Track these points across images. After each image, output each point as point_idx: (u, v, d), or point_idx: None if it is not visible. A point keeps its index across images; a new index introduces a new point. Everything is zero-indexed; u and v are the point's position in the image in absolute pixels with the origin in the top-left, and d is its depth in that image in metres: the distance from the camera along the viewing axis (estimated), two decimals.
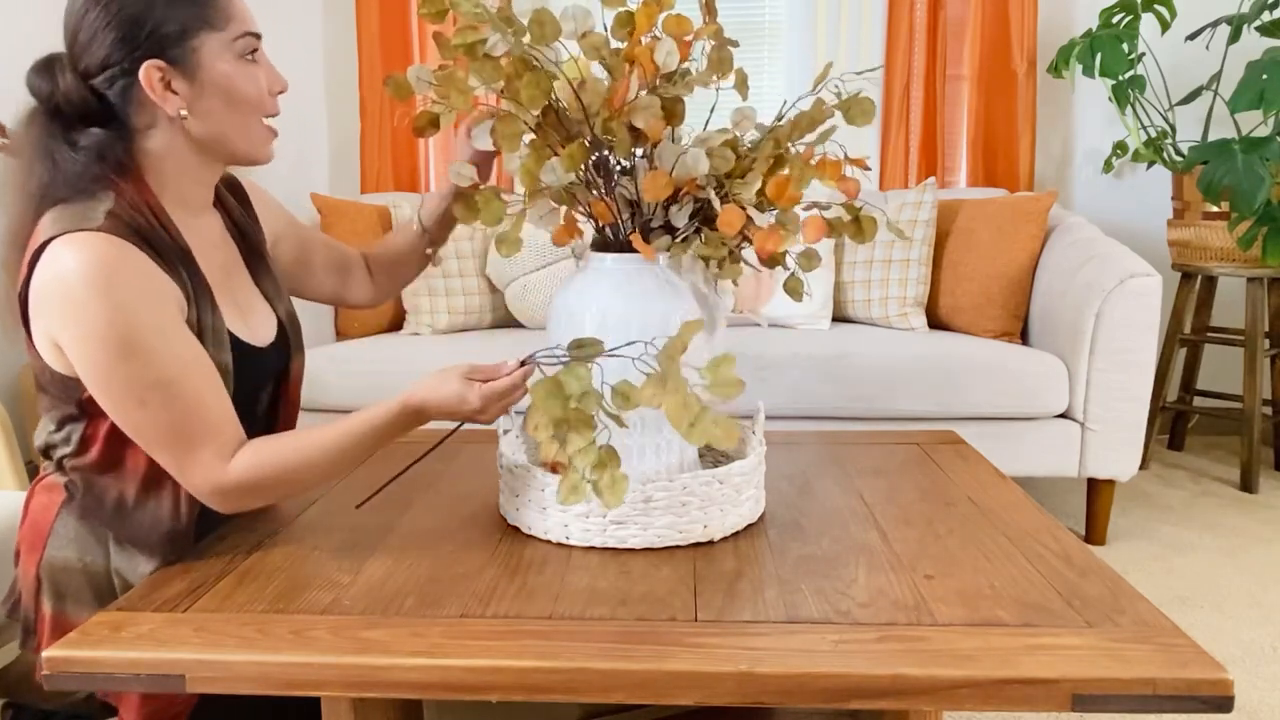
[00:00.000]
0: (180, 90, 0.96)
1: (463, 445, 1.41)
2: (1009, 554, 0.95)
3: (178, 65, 0.96)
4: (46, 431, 1.00)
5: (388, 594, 0.88)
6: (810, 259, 1.01)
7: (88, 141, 0.95)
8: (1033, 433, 2.17)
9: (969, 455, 1.33)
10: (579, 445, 0.85)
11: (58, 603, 0.99)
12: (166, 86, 0.96)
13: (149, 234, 0.95)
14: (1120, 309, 2.07)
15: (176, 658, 0.77)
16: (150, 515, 0.98)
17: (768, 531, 1.03)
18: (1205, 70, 2.76)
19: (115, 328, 0.88)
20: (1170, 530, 2.29)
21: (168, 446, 0.93)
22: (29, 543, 1.01)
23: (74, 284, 0.88)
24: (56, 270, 0.89)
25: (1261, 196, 2.28)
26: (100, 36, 0.94)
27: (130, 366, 0.90)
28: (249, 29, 0.99)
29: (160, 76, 0.95)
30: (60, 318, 0.90)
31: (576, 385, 0.87)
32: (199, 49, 0.96)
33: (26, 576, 1.01)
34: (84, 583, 0.98)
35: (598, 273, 1.03)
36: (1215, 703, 0.71)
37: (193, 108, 0.97)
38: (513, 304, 2.60)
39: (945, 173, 3.01)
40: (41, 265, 0.90)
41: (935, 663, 0.73)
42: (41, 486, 1.02)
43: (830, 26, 2.96)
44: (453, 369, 0.97)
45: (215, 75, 0.97)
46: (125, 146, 0.97)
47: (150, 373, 0.90)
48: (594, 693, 0.75)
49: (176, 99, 0.96)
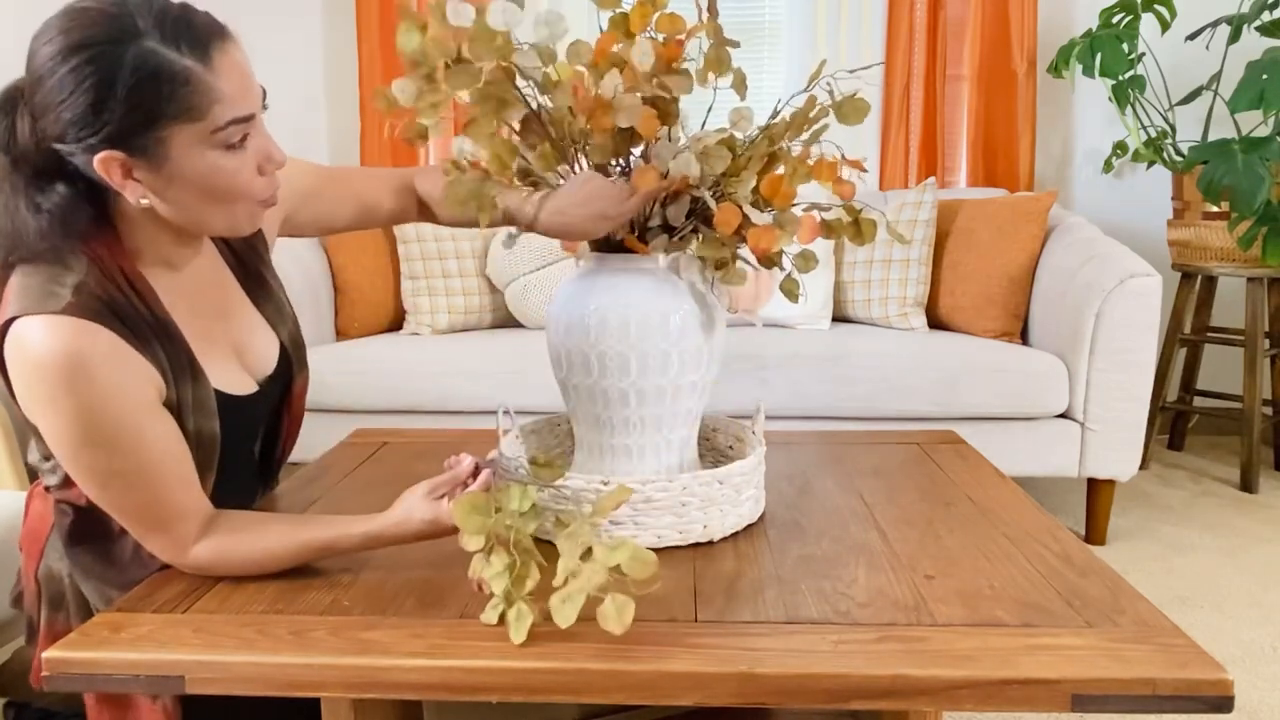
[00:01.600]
0: (144, 179, 0.86)
1: (463, 445, 1.41)
2: (1009, 554, 0.95)
3: (140, 155, 0.84)
4: (37, 455, 0.98)
5: (388, 594, 0.88)
6: (807, 260, 1.01)
7: (50, 204, 0.86)
8: (1033, 433, 2.17)
9: (969, 455, 1.33)
10: (497, 569, 0.82)
11: (52, 611, 0.99)
12: (127, 174, 0.85)
13: (122, 309, 0.88)
14: (1120, 309, 2.07)
15: (176, 658, 0.77)
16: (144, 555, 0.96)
17: (768, 531, 1.03)
18: (1205, 70, 2.76)
19: (80, 421, 0.83)
20: (1170, 530, 2.29)
21: (131, 524, 0.91)
22: (28, 547, 1.01)
23: (41, 376, 0.82)
24: (24, 355, 0.83)
25: (1261, 196, 2.28)
26: (54, 112, 0.82)
27: (95, 455, 0.86)
28: (236, 115, 0.85)
29: (119, 165, 0.84)
30: (29, 402, 0.85)
31: (514, 503, 0.84)
32: (167, 140, 0.83)
33: (28, 578, 1.01)
34: (75, 597, 0.99)
35: (597, 273, 1.03)
36: (1215, 703, 0.71)
37: (161, 195, 0.87)
38: (513, 304, 2.60)
39: (945, 173, 3.01)
40: (9, 343, 0.84)
41: (935, 663, 0.73)
42: (38, 493, 1.02)
43: (830, 26, 2.96)
44: (412, 495, 0.92)
45: (186, 169, 0.85)
46: (94, 210, 0.89)
47: (114, 463, 0.86)
48: (594, 693, 0.75)
49: (139, 187, 0.86)
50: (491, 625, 0.80)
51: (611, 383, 1.01)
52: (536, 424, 1.22)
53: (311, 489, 1.20)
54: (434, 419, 2.27)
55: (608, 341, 0.99)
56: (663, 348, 0.99)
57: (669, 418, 1.03)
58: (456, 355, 2.30)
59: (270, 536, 0.92)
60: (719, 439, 1.22)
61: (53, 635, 0.98)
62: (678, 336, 1.00)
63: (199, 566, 0.92)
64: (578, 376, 1.03)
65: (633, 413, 1.02)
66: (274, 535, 0.92)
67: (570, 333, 1.01)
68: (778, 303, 2.51)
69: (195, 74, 0.82)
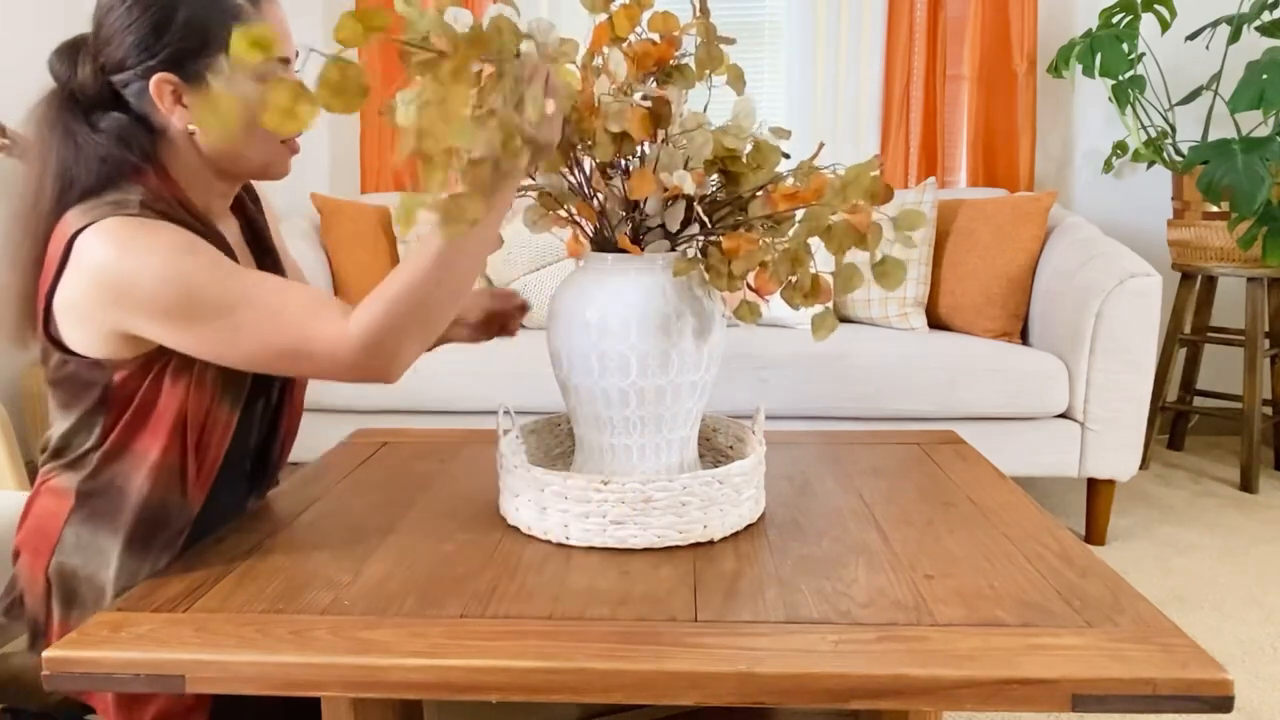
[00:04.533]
0: (191, 105, 0.95)
1: (462, 445, 1.41)
2: (1009, 554, 0.95)
3: (192, 81, 0.94)
4: (62, 429, 0.98)
5: (388, 594, 0.88)
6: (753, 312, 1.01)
7: (109, 124, 0.94)
8: (1033, 433, 2.17)
9: (969, 455, 1.33)
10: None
11: (66, 609, 0.97)
12: (177, 100, 0.94)
13: (185, 223, 0.94)
14: (1120, 309, 2.08)
15: (176, 658, 0.77)
16: (159, 506, 0.97)
17: (768, 531, 1.03)
18: (1205, 70, 2.77)
19: (172, 290, 0.87)
20: (1170, 530, 2.29)
21: (286, 344, 0.90)
22: (33, 546, 0.99)
23: (119, 268, 0.87)
24: (95, 260, 0.87)
25: (1261, 196, 2.28)
26: (119, 37, 0.93)
27: (207, 308, 0.88)
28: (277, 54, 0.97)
29: (171, 90, 0.94)
30: (119, 306, 0.88)
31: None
32: (215, 68, 0.94)
33: (34, 580, 0.99)
34: (92, 591, 0.97)
35: (597, 273, 1.03)
36: (1215, 703, 0.71)
37: None
38: None
39: (945, 173, 3.01)
40: (75, 258, 0.88)
41: (935, 663, 0.73)
42: (47, 489, 1.00)
43: (830, 26, 2.96)
44: None
45: None
46: (148, 136, 0.96)
47: (230, 296, 0.89)
48: (594, 693, 0.75)
49: (186, 113, 0.95)
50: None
51: (611, 383, 1.01)
52: (536, 424, 1.22)
53: (311, 489, 1.20)
54: (434, 419, 2.27)
55: (608, 341, 0.99)
56: (663, 348, 0.99)
57: (669, 418, 1.03)
58: (457, 355, 2.30)
59: (397, 272, 0.90)
60: (719, 439, 1.22)
61: (64, 632, 0.96)
62: (678, 336, 1.00)
63: (366, 329, 0.89)
64: (578, 376, 1.03)
65: (633, 413, 1.02)
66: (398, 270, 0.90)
67: (570, 332, 1.02)
68: (778, 303, 2.52)
69: (246, 11, 0.95)
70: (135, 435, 0.96)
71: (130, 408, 0.95)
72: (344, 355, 0.91)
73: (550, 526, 1.00)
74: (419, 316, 0.91)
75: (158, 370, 0.95)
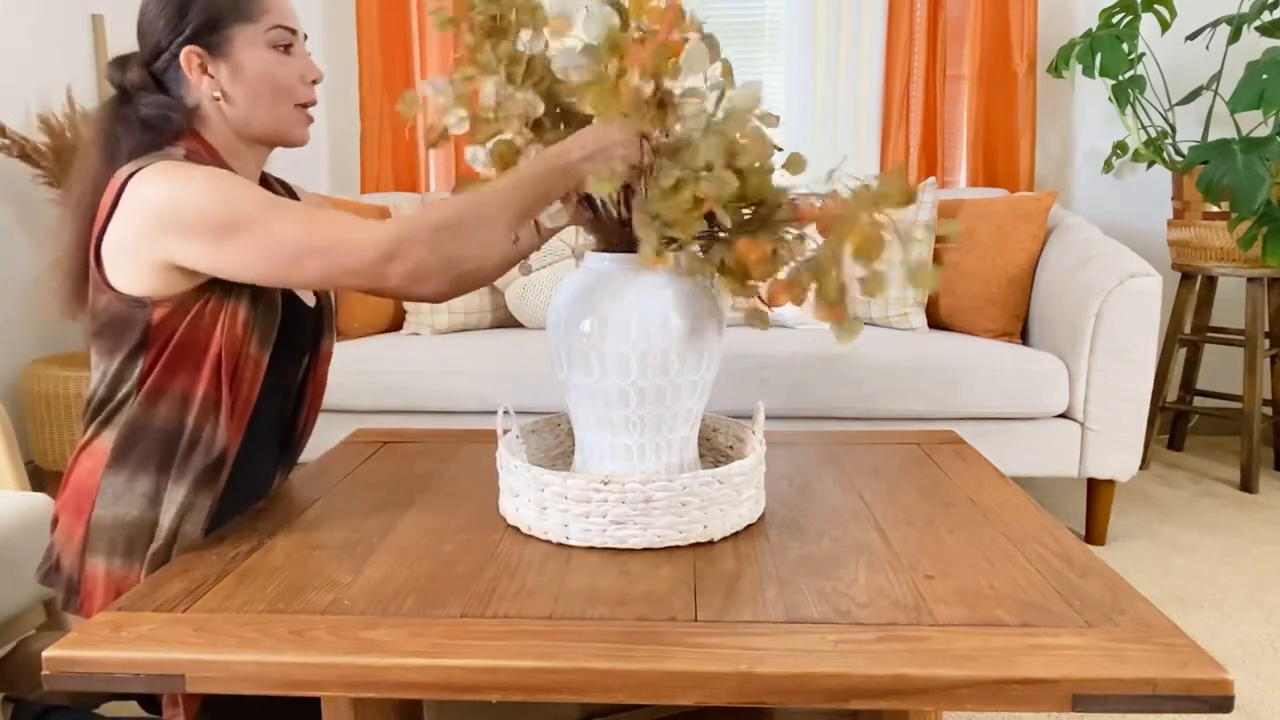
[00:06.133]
0: (215, 74, 1.08)
1: (462, 445, 1.41)
2: (1009, 554, 0.95)
3: (213, 51, 1.07)
4: (105, 378, 1.03)
5: (388, 594, 0.88)
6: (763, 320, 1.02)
7: (149, 101, 1.07)
8: (1033, 433, 2.17)
9: (969, 455, 1.33)
10: None
11: (108, 559, 1.01)
12: (203, 70, 1.07)
13: None
14: (1120, 309, 2.08)
15: (176, 658, 0.77)
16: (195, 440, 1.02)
17: (768, 531, 1.03)
18: (1205, 70, 2.77)
19: (215, 206, 0.95)
20: (1170, 530, 2.29)
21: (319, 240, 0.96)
22: (73, 507, 1.03)
23: (166, 196, 0.96)
24: (144, 194, 0.96)
25: (1261, 196, 2.28)
26: (153, 24, 1.07)
27: (245, 216, 0.96)
28: (281, 22, 1.09)
29: (198, 61, 1.07)
30: (164, 231, 0.96)
31: None
32: (233, 38, 1.07)
33: (72, 538, 1.03)
34: (135, 536, 1.01)
35: (598, 273, 1.03)
36: (1215, 703, 0.71)
37: (227, 92, 1.08)
38: (513, 304, 2.60)
39: (945, 173, 3.01)
40: (125, 199, 0.98)
41: (935, 663, 0.73)
42: (86, 453, 1.04)
43: (830, 26, 2.96)
44: None
45: (246, 62, 1.08)
46: (184, 112, 1.08)
47: (264, 202, 0.97)
48: (594, 693, 0.75)
49: (212, 81, 1.08)
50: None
51: (611, 383, 1.01)
52: (536, 424, 1.22)
53: (311, 489, 1.20)
54: (434, 419, 2.27)
55: (608, 341, 0.99)
56: (663, 348, 0.99)
57: (669, 418, 1.03)
58: (456, 355, 2.30)
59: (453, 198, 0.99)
60: (719, 439, 1.22)
61: (111, 584, 1.00)
62: (678, 336, 1.00)
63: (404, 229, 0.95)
64: (578, 376, 1.03)
65: (633, 413, 1.02)
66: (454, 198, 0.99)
67: (571, 332, 1.02)
68: None
69: None
70: (174, 374, 1.02)
71: (169, 346, 1.01)
72: (369, 245, 0.96)
73: (550, 526, 1.00)
74: (457, 235, 0.97)
75: (197, 310, 1.02)
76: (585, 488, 0.96)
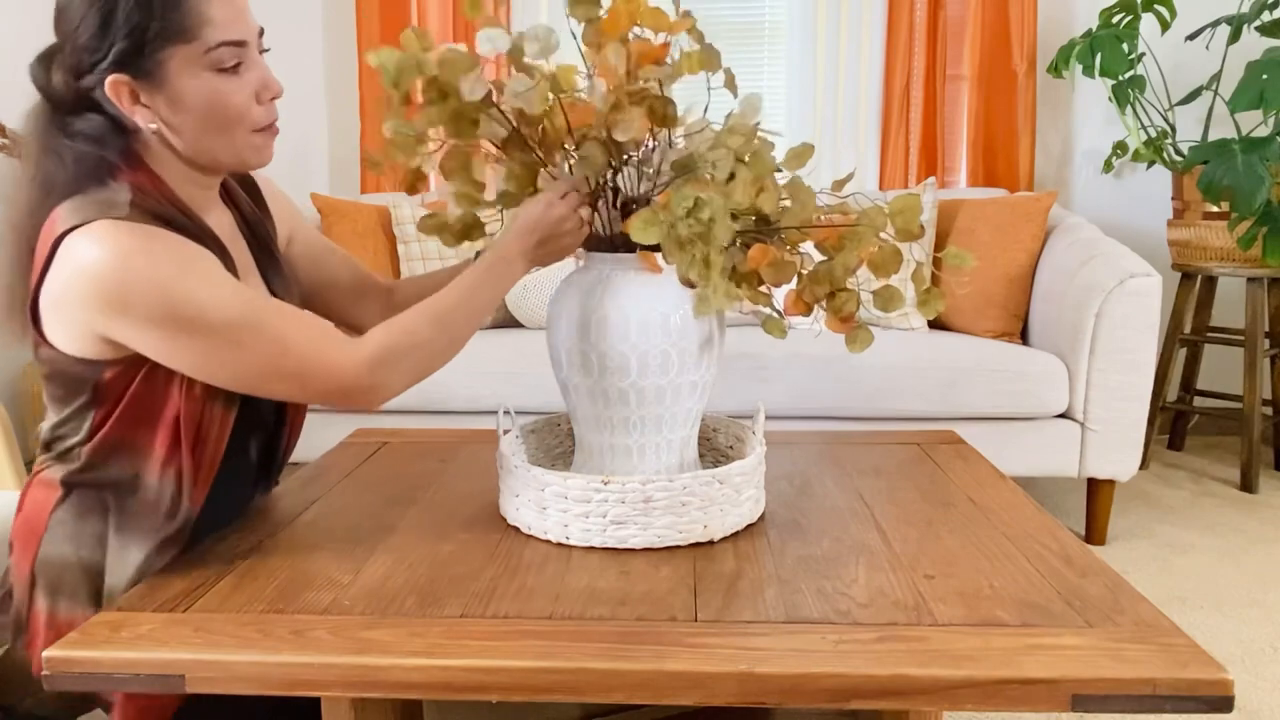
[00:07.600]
0: (150, 104, 0.92)
1: (462, 445, 1.41)
2: (1009, 554, 0.95)
3: (145, 79, 0.91)
4: (54, 422, 0.97)
5: (388, 594, 0.88)
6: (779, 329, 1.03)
7: (84, 126, 0.92)
8: (1033, 433, 2.17)
9: (969, 455, 1.33)
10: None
11: (52, 599, 0.96)
12: (135, 99, 0.92)
13: (176, 221, 0.93)
14: (1120, 309, 2.07)
15: (176, 658, 0.77)
16: (154, 501, 0.96)
17: (768, 531, 1.03)
18: (1205, 70, 2.76)
19: (168, 302, 0.86)
20: (1170, 530, 2.29)
21: (290, 366, 0.91)
22: (23, 538, 0.98)
23: (109, 274, 0.85)
24: (84, 263, 0.85)
25: (1261, 196, 2.28)
26: (73, 36, 0.90)
27: (204, 324, 0.88)
28: (225, 38, 0.92)
29: (128, 90, 0.91)
30: (104, 313, 0.86)
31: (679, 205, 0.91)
32: (166, 62, 0.91)
33: (20, 573, 0.99)
34: (80, 579, 0.96)
35: (597, 273, 1.03)
36: (1215, 703, 0.71)
37: (166, 122, 0.93)
38: (513, 304, 2.60)
39: (945, 173, 3.01)
40: (61, 258, 0.87)
41: (935, 663, 0.73)
42: (38, 481, 0.99)
43: (830, 26, 2.96)
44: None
45: (186, 91, 0.92)
46: (125, 137, 0.94)
47: (229, 314, 0.88)
48: (594, 693, 0.75)
49: (147, 111, 0.92)
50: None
51: (611, 383, 1.01)
52: (536, 424, 1.22)
53: (312, 489, 1.20)
54: (434, 419, 2.27)
55: (608, 341, 0.99)
56: (663, 348, 0.99)
57: (669, 418, 1.03)
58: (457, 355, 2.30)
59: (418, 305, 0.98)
60: (719, 439, 1.22)
61: (50, 625, 0.96)
62: (678, 336, 1.00)
63: (374, 353, 0.94)
64: (578, 376, 1.03)
65: (633, 413, 1.02)
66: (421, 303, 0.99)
67: (570, 332, 1.02)
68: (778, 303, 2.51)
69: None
70: (131, 430, 0.95)
71: (122, 403, 0.94)
72: (348, 374, 0.93)
73: (550, 526, 1.00)
74: (425, 353, 0.97)
75: (149, 367, 0.93)
76: (585, 488, 0.96)
